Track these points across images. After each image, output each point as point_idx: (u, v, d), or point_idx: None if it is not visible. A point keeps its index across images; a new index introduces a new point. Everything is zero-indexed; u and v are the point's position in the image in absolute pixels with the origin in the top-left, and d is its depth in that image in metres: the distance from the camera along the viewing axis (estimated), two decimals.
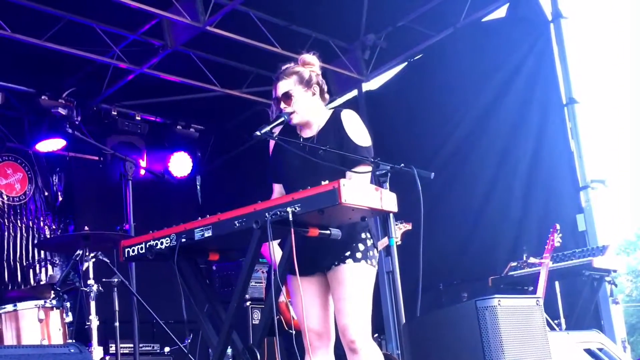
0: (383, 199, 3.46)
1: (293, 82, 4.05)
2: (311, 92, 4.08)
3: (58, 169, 9.93)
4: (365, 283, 3.87)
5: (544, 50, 7.92)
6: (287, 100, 4.01)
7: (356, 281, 3.83)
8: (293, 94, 4.02)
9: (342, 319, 3.81)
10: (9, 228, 9.26)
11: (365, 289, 3.86)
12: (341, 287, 3.83)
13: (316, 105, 4.10)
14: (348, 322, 3.79)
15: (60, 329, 5.53)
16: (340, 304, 3.83)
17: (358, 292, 3.83)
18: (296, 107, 4.01)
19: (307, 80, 4.08)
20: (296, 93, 4.03)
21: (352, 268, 3.84)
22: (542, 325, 3.51)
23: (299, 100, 4.02)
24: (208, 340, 3.80)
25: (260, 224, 3.36)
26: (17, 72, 8.71)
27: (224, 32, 8.12)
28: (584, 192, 7.41)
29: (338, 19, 8.78)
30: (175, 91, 9.59)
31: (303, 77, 4.08)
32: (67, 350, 3.54)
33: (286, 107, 4.01)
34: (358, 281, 3.83)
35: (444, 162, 8.42)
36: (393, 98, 9.38)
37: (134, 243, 3.86)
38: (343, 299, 3.82)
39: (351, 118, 4.04)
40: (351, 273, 3.84)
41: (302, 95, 4.05)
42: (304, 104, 4.04)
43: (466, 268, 8.07)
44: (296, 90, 4.03)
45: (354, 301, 3.81)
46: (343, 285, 3.83)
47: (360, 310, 3.82)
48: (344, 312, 3.80)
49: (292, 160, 3.98)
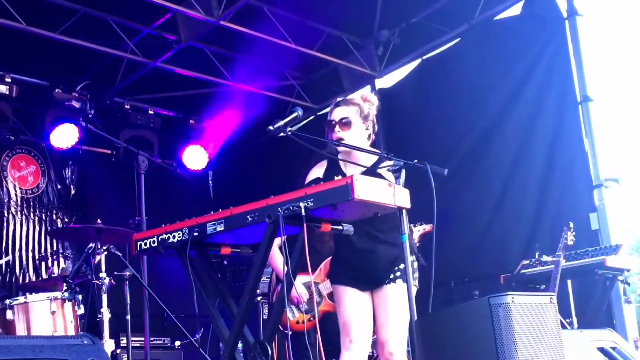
0: (396, 195, 3.46)
1: (354, 111, 4.15)
2: (365, 127, 4.17)
3: (71, 162, 9.96)
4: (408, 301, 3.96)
5: (559, 48, 7.86)
6: (344, 127, 4.13)
7: (401, 299, 3.98)
8: (352, 122, 4.09)
9: (385, 332, 4.05)
10: (22, 220, 9.30)
11: (407, 307, 3.94)
12: (390, 304, 4.05)
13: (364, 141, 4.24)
14: (390, 337, 4.03)
15: (72, 321, 5.55)
16: (386, 320, 4.05)
17: (402, 309, 3.98)
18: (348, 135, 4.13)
19: (366, 115, 4.23)
20: (354, 121, 4.10)
21: (399, 287, 4.05)
22: (556, 323, 3.48)
23: (353, 130, 4.13)
24: (219, 334, 3.80)
25: (273, 219, 3.36)
26: (31, 65, 8.73)
27: (238, 27, 8.11)
28: (598, 190, 7.37)
29: (352, 14, 8.75)
30: (188, 85, 9.60)
31: (363, 111, 4.23)
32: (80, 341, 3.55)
33: (340, 131, 4.07)
34: (403, 300, 3.93)
35: (459, 161, 8.38)
36: (407, 96, 9.34)
37: (146, 236, 3.88)
38: (390, 316, 4.04)
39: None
40: (397, 292, 4.05)
41: (359, 126, 4.17)
42: (356, 134, 4.17)
43: (478, 266, 8.05)
44: (355, 120, 4.11)
45: (397, 318, 4.03)
46: (392, 303, 4.05)
47: (401, 327, 4.03)
48: (389, 327, 4.04)
49: None
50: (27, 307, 5.45)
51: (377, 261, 4.07)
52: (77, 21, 7.88)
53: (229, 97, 9.94)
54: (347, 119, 4.14)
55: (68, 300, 5.57)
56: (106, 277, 5.73)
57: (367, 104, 4.27)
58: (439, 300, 6.42)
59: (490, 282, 7.06)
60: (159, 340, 7.90)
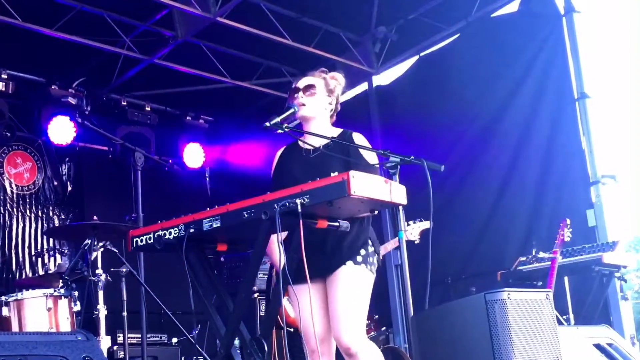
0: (392, 192, 3.45)
1: (320, 82, 4.12)
2: (329, 100, 4.12)
3: (67, 159, 9.93)
4: (362, 287, 3.86)
5: (556, 45, 7.87)
6: (307, 92, 4.05)
7: (353, 284, 3.83)
8: (316, 88, 4.05)
9: (335, 322, 3.80)
10: (18, 217, 9.28)
11: (361, 293, 3.85)
12: (337, 288, 3.83)
13: (326, 116, 4.15)
14: (341, 327, 3.77)
15: (68, 318, 5.54)
16: (334, 306, 3.82)
17: (353, 294, 3.82)
18: (311, 102, 4.03)
19: (331, 89, 4.15)
20: (318, 90, 4.06)
21: (351, 270, 3.84)
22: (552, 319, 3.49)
23: (317, 98, 4.05)
24: (216, 331, 3.79)
25: (269, 215, 3.35)
26: (27, 62, 8.72)
27: (235, 23, 8.10)
28: (595, 187, 7.37)
29: (349, 11, 8.74)
30: (185, 82, 9.58)
31: (329, 84, 4.16)
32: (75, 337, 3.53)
33: (303, 97, 4.02)
34: (355, 284, 3.82)
35: (457, 159, 8.39)
36: (404, 93, 9.35)
37: (143, 233, 3.87)
38: (337, 301, 3.81)
39: (362, 139, 4.09)
40: (349, 275, 3.84)
41: (322, 96, 4.08)
42: (318, 103, 4.08)
43: (475, 263, 8.06)
44: (320, 89, 4.07)
45: (348, 304, 3.80)
46: (339, 287, 3.83)
47: (354, 313, 3.80)
48: (337, 315, 3.79)
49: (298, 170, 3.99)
50: (22, 304, 5.44)
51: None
52: (74, 17, 7.85)
53: (225, 93, 9.93)
54: (312, 86, 4.07)
55: (64, 297, 5.56)
56: (103, 274, 5.72)
57: (334, 81, 4.18)
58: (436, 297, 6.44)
59: (487, 279, 7.07)
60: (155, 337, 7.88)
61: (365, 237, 3.91)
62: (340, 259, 3.86)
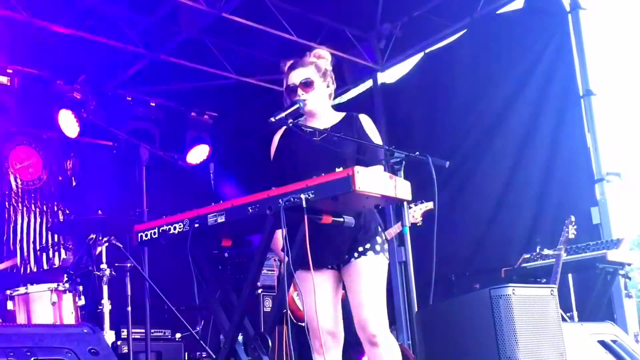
0: (397, 187, 3.45)
1: (312, 71, 4.05)
2: (326, 84, 4.09)
3: (72, 154, 9.96)
4: (382, 276, 3.89)
5: (561, 42, 7.85)
6: (306, 88, 4.02)
7: (375, 274, 3.85)
8: (313, 82, 4.02)
9: (361, 312, 3.79)
10: (23, 212, 9.31)
11: (382, 282, 3.88)
12: (361, 279, 3.83)
13: (327, 99, 4.12)
14: (368, 315, 3.78)
15: (73, 312, 5.56)
16: (360, 297, 3.81)
17: (377, 284, 3.84)
18: (312, 96, 4.01)
19: (324, 72, 4.10)
20: (316, 83, 4.03)
21: (373, 260, 3.85)
22: (556, 316, 3.48)
23: (317, 90, 4.03)
24: (220, 326, 3.80)
25: (274, 211, 3.35)
26: (32, 57, 8.73)
27: (240, 19, 8.10)
28: (599, 184, 7.36)
29: (354, 7, 8.74)
30: (190, 78, 9.58)
31: (320, 68, 4.10)
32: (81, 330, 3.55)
33: (304, 93, 4.00)
34: (377, 273, 3.84)
35: (462, 155, 8.39)
36: (410, 90, 9.34)
37: (147, 228, 3.87)
38: (362, 292, 3.81)
39: (370, 121, 4.07)
40: (372, 265, 3.85)
41: (320, 85, 4.06)
42: (320, 93, 4.05)
43: (480, 259, 8.06)
44: (316, 79, 4.04)
45: (374, 294, 3.81)
46: (363, 277, 3.83)
47: (380, 303, 3.82)
48: (364, 305, 3.79)
49: (303, 153, 3.97)
50: (27, 298, 5.47)
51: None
52: (79, 13, 7.86)
53: (230, 89, 9.93)
54: (308, 79, 4.01)
55: (69, 291, 5.59)
56: (107, 269, 5.74)
57: (322, 60, 4.12)
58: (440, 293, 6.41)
59: (492, 276, 7.06)
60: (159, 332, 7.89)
61: (376, 224, 3.92)
62: (356, 248, 3.86)
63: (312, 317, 3.82)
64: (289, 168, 3.97)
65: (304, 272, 3.66)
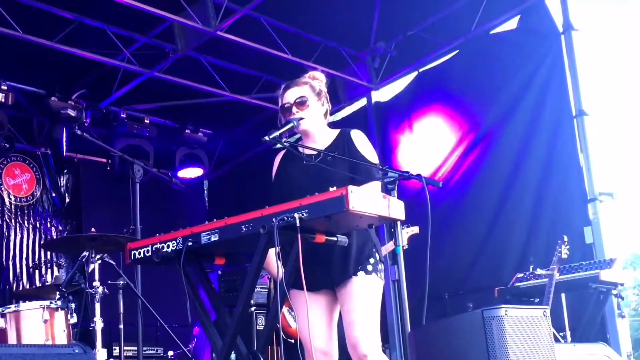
0: (391, 207, 3.45)
1: (307, 90, 4.07)
2: (320, 103, 4.11)
3: (66, 171, 9.95)
4: (376, 295, 3.88)
5: (554, 62, 7.90)
6: (300, 106, 4.03)
7: (368, 293, 3.84)
8: (307, 99, 4.03)
9: (353, 331, 3.80)
10: (16, 228, 9.29)
11: (376, 302, 3.87)
12: (353, 299, 3.83)
13: (322, 119, 4.13)
14: (360, 335, 3.78)
15: (65, 330, 5.52)
16: (351, 316, 3.81)
17: (369, 304, 3.83)
18: (307, 114, 4.02)
19: (318, 92, 4.12)
20: (310, 101, 4.04)
21: (364, 280, 3.85)
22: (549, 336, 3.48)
23: (311, 108, 4.04)
24: (212, 344, 3.79)
25: (267, 229, 3.35)
26: (27, 73, 8.74)
27: (235, 38, 8.13)
28: (592, 204, 7.38)
29: (348, 26, 8.78)
30: (185, 95, 9.61)
31: (315, 88, 4.12)
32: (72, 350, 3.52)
33: (298, 111, 4.01)
34: (369, 293, 3.84)
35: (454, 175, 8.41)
36: (403, 109, 9.38)
37: (141, 245, 3.86)
38: (354, 311, 3.80)
39: (362, 137, 4.07)
40: (363, 285, 3.84)
41: (314, 103, 4.07)
42: (314, 112, 4.06)
43: (473, 278, 8.06)
44: (310, 97, 4.05)
45: (366, 313, 3.81)
46: (355, 297, 3.82)
47: (371, 322, 3.82)
48: (356, 324, 3.79)
49: (299, 177, 3.98)
50: (19, 316, 5.42)
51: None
52: (74, 30, 7.88)
53: (224, 107, 9.95)
54: (302, 97, 4.02)
55: (61, 309, 5.55)
56: (100, 286, 5.71)
57: (317, 81, 4.14)
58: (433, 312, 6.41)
59: (485, 295, 7.07)
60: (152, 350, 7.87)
61: (371, 244, 3.92)
62: (350, 269, 3.85)
63: (305, 336, 3.84)
64: (286, 189, 3.97)
65: (297, 290, 3.66)
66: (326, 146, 4.02)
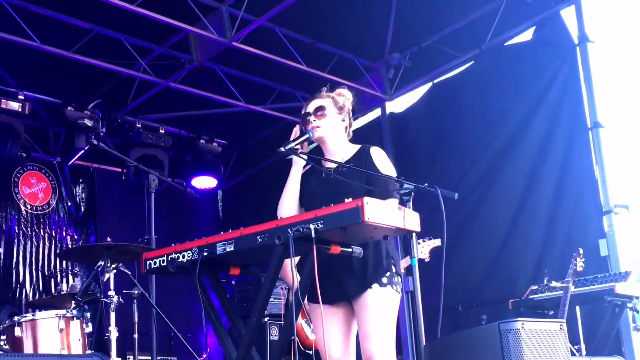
0: (406, 218, 3.45)
1: (328, 102, 4.11)
2: (341, 117, 4.12)
3: (81, 180, 10.00)
4: (391, 308, 3.87)
5: (569, 74, 7.88)
6: (318, 115, 4.05)
7: (382, 306, 3.84)
8: (326, 109, 4.05)
9: (367, 344, 3.80)
10: (32, 237, 9.32)
11: (391, 315, 3.86)
12: (367, 311, 3.83)
13: (342, 133, 4.15)
14: (374, 347, 3.78)
15: (80, 339, 5.54)
16: (366, 328, 3.82)
17: (384, 316, 3.83)
18: (324, 123, 4.04)
19: (341, 106, 4.14)
20: (329, 111, 4.06)
21: (379, 293, 3.85)
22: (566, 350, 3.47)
23: (329, 118, 4.06)
24: (227, 354, 3.79)
25: (283, 240, 3.36)
26: (44, 83, 8.81)
27: (250, 48, 8.16)
28: (607, 217, 7.35)
29: (363, 37, 8.80)
30: (200, 105, 9.65)
31: (337, 102, 4.15)
32: None
33: (316, 120, 4.03)
34: (384, 306, 3.83)
35: (470, 186, 8.38)
36: (418, 121, 9.37)
37: (156, 255, 3.87)
38: (369, 323, 3.81)
39: (381, 153, 4.11)
40: (378, 297, 3.84)
41: (333, 116, 4.09)
42: (332, 123, 4.08)
43: (487, 290, 8.03)
44: (330, 109, 4.07)
45: (380, 325, 3.81)
46: (369, 309, 3.83)
47: (386, 335, 3.82)
48: (370, 336, 3.80)
49: (318, 189, 4.00)
50: (35, 324, 5.45)
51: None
52: (91, 40, 7.94)
53: (239, 117, 9.98)
54: (322, 107, 4.06)
55: (76, 318, 5.57)
56: (115, 295, 5.73)
57: (342, 98, 4.17)
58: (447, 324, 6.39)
59: (499, 307, 7.04)
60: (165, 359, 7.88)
61: (388, 257, 3.92)
62: (366, 281, 3.85)
63: (322, 349, 3.87)
64: (306, 200, 3.99)
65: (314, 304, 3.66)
66: (345, 160, 4.03)
